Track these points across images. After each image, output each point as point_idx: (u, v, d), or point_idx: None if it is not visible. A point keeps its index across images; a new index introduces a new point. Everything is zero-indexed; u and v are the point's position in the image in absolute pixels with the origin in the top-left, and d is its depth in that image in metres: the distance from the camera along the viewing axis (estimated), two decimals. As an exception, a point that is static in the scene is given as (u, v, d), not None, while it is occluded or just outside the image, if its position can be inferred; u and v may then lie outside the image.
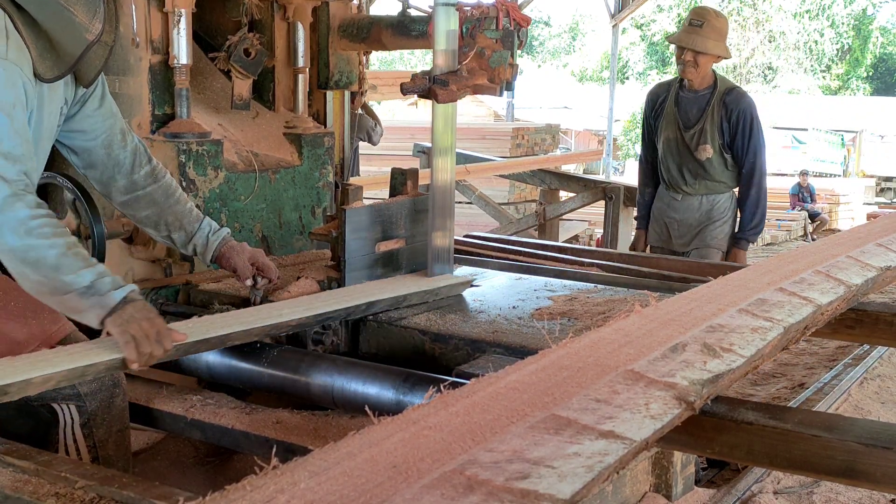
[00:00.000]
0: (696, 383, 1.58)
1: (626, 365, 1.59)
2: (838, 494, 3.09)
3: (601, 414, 1.38)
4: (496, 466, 1.17)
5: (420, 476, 1.13)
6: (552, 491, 1.13)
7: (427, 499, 1.08)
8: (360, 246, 2.73)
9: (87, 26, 2.07)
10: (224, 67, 3.33)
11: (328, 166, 3.63)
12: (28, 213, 1.95)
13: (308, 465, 1.17)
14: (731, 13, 27.98)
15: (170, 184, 2.50)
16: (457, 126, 2.83)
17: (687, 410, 1.50)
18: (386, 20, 3.61)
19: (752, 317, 1.98)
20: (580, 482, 1.17)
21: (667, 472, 2.81)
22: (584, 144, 20.04)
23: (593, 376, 1.53)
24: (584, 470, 1.21)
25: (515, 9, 2.73)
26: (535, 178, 7.59)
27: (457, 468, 1.16)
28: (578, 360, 1.62)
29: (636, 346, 1.70)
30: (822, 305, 2.17)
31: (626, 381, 1.53)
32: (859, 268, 2.56)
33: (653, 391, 1.51)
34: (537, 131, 11.61)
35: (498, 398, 1.42)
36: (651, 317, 1.92)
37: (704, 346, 1.75)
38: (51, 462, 1.85)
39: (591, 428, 1.33)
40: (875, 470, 1.56)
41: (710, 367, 1.66)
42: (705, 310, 1.98)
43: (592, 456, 1.25)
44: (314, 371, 2.27)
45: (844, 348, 5.07)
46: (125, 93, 3.12)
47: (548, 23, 34.11)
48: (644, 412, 1.43)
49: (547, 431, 1.30)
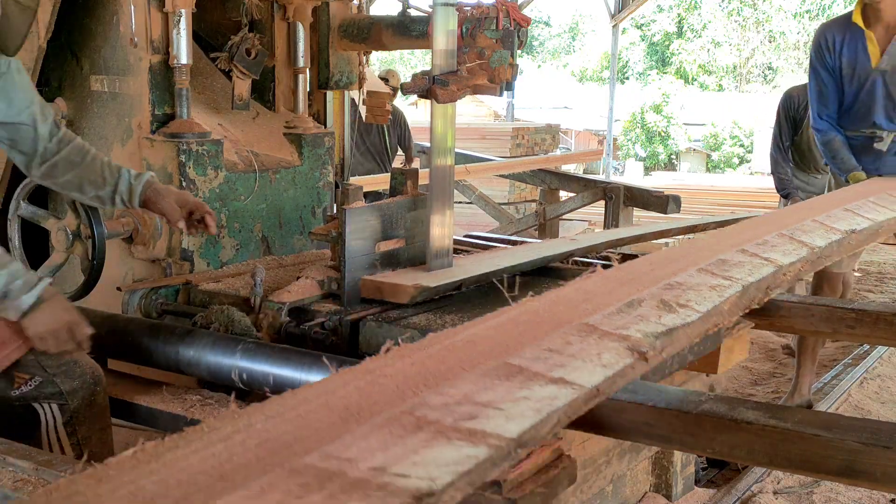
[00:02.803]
0: (650, 335, 1.61)
1: (581, 319, 1.62)
2: (838, 494, 3.09)
3: (553, 362, 1.42)
4: (446, 408, 1.21)
5: (371, 417, 1.17)
6: (500, 430, 1.17)
7: (375, 436, 1.11)
8: (360, 246, 2.73)
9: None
10: (225, 67, 3.33)
11: (328, 166, 3.63)
12: None
13: (265, 409, 1.20)
14: (731, 13, 28.00)
15: (81, 144, 2.46)
16: (457, 126, 2.83)
17: (639, 360, 1.53)
18: (386, 20, 3.61)
19: (711, 276, 2.01)
20: (528, 423, 1.21)
21: (667, 472, 2.81)
22: (584, 144, 20.04)
23: (548, 329, 1.56)
24: (533, 412, 1.25)
25: (515, 9, 2.73)
26: (535, 178, 7.58)
27: (407, 410, 1.19)
28: (536, 316, 1.65)
29: (594, 302, 1.73)
30: (784, 266, 2.21)
31: (580, 333, 1.56)
32: (824, 231, 2.59)
33: (606, 342, 1.54)
34: (537, 131, 11.61)
35: (454, 350, 1.46)
36: (612, 277, 1.96)
37: (661, 301, 1.78)
38: (51, 462, 1.85)
39: (541, 375, 1.37)
40: (875, 469, 1.57)
41: (665, 321, 1.69)
42: (666, 270, 2.01)
43: (542, 400, 1.29)
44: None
45: (844, 348, 5.08)
46: (125, 93, 3.12)
47: (548, 23, 34.09)
48: (596, 361, 1.46)
49: (498, 378, 1.34)
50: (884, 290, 6.68)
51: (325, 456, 1.05)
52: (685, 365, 2.37)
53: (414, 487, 0.99)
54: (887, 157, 3.72)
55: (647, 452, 2.68)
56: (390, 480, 1.00)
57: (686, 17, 28.76)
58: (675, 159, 22.99)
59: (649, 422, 1.78)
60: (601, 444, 2.31)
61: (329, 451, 1.06)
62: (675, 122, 22.65)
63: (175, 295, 2.95)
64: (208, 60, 3.45)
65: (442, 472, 1.04)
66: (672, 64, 28.70)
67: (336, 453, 1.06)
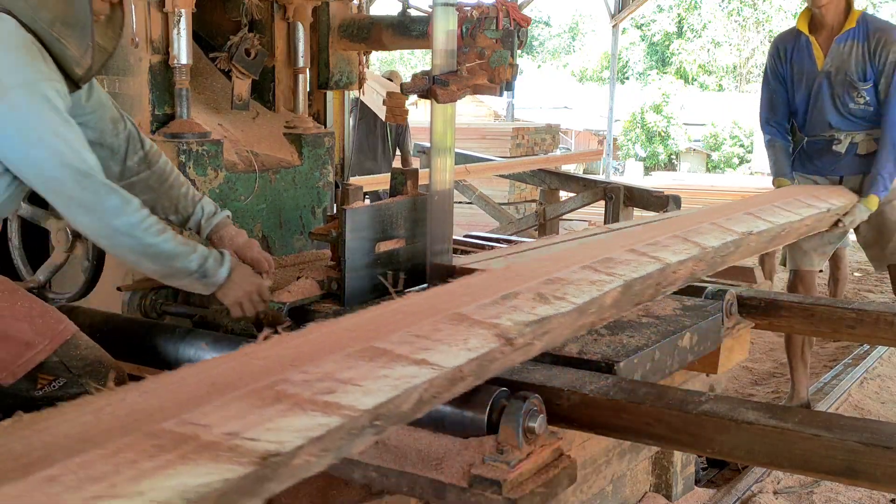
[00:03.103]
0: (520, 324, 1.70)
1: (455, 309, 1.69)
2: (838, 494, 3.09)
3: (418, 346, 1.51)
4: (306, 384, 1.30)
5: (234, 391, 1.25)
6: (355, 403, 1.27)
7: (234, 406, 1.20)
8: (360, 246, 2.73)
9: (78, 60, 2.17)
10: (224, 67, 3.33)
11: (328, 166, 3.63)
12: (140, 216, 2.18)
13: (140, 386, 1.28)
14: (731, 13, 27.99)
15: (164, 168, 2.51)
16: (457, 126, 2.83)
17: (506, 346, 1.63)
18: (386, 20, 3.61)
19: (593, 272, 2.09)
20: (384, 397, 1.31)
21: (667, 472, 2.81)
22: (584, 144, 20.03)
23: (421, 318, 1.64)
24: (390, 388, 1.34)
25: (515, 9, 2.73)
26: (535, 178, 7.58)
27: (268, 385, 1.28)
28: (414, 307, 1.73)
29: (473, 295, 1.81)
30: (672, 264, 2.30)
31: (451, 321, 1.64)
32: (720, 232, 2.66)
33: (475, 330, 1.63)
34: (537, 131, 11.60)
35: (329, 336, 1.54)
36: (498, 273, 2.05)
37: (538, 294, 1.85)
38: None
39: (405, 357, 1.45)
40: (875, 470, 1.57)
41: (539, 311, 1.77)
42: (551, 267, 2.08)
43: (401, 378, 1.38)
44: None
45: (844, 348, 5.07)
46: (125, 93, 3.12)
47: (548, 23, 34.08)
48: (461, 346, 1.55)
49: (362, 359, 1.42)
50: (884, 290, 6.67)
51: (183, 422, 1.14)
52: (685, 365, 2.37)
53: (262, 449, 1.10)
54: (846, 159, 3.80)
55: (647, 452, 2.68)
56: (241, 443, 1.10)
57: (686, 17, 28.76)
58: (675, 159, 22.98)
59: (649, 422, 1.78)
60: (601, 444, 2.31)
61: (187, 418, 1.15)
62: (675, 122, 22.64)
63: (175, 295, 2.95)
64: (208, 60, 3.45)
65: (292, 437, 1.15)
66: (672, 64, 28.69)
67: (194, 420, 1.15)
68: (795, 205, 3.12)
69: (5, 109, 2.03)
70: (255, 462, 1.08)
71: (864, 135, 3.74)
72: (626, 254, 2.26)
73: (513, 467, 1.65)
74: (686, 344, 2.31)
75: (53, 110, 2.07)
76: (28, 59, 2.07)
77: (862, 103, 3.69)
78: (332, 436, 1.20)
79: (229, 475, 1.04)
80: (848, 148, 3.78)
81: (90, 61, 2.19)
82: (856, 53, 3.62)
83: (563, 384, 1.90)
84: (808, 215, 3.07)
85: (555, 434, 1.80)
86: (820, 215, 3.17)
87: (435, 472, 1.70)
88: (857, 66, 3.63)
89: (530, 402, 1.72)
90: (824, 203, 3.25)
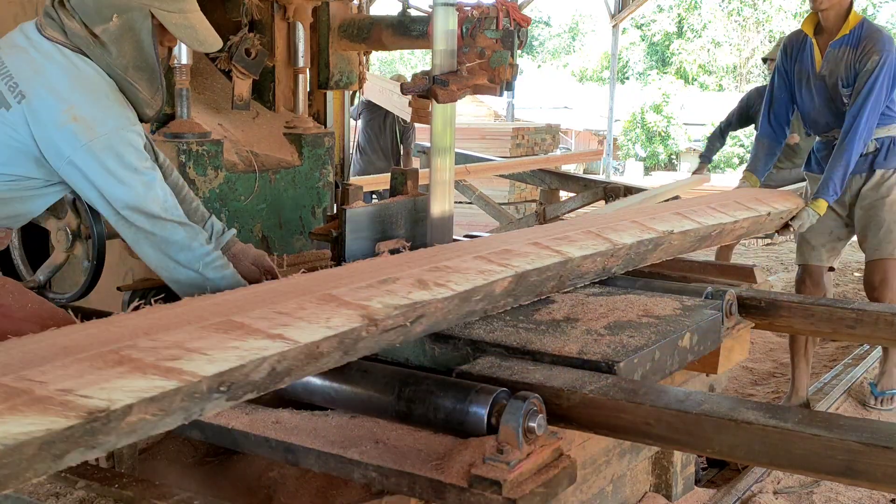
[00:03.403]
0: (390, 307, 1.74)
1: (327, 290, 1.73)
2: (838, 494, 3.09)
3: (277, 322, 1.55)
4: (152, 350, 1.36)
5: (80, 353, 1.31)
6: (196, 370, 1.34)
7: (75, 367, 1.27)
8: (360, 246, 2.73)
9: (149, 102, 2.31)
10: (225, 67, 3.33)
11: (328, 166, 3.63)
12: (205, 250, 2.27)
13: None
14: (731, 13, 27.98)
15: (176, 182, 2.54)
16: (457, 126, 2.83)
17: (370, 326, 1.68)
18: (386, 20, 3.61)
19: (487, 262, 2.11)
20: (227, 366, 1.38)
21: (667, 472, 2.81)
22: (584, 144, 20.03)
23: (291, 297, 1.68)
24: (237, 358, 1.40)
25: (515, 9, 2.73)
26: (535, 178, 7.58)
27: (114, 349, 1.34)
28: (293, 287, 1.77)
29: (352, 278, 1.84)
30: (574, 258, 2.34)
31: (319, 301, 1.68)
32: (638, 230, 2.66)
33: (342, 310, 1.67)
34: (537, 131, 11.60)
35: (195, 310, 1.58)
36: (391, 260, 2.09)
37: (418, 280, 1.88)
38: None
39: (261, 331, 1.50)
40: (875, 469, 1.57)
41: (414, 296, 1.81)
42: (445, 255, 2.10)
43: (251, 350, 1.44)
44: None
45: (845, 348, 5.07)
46: (125, 93, 3.12)
47: (548, 23, 34.07)
48: (322, 323, 1.60)
49: (216, 331, 1.47)
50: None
51: (20, 378, 1.21)
52: (685, 365, 2.36)
53: (93, 406, 1.19)
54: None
55: (647, 452, 2.67)
56: (73, 399, 1.19)
57: (686, 17, 28.75)
58: (675, 159, 22.98)
59: (649, 422, 1.78)
60: (601, 444, 2.31)
61: (25, 375, 1.22)
62: (675, 122, 22.63)
63: (175, 295, 2.94)
64: (208, 60, 3.45)
65: (123, 396, 1.23)
66: (672, 64, 28.67)
67: (31, 376, 1.22)
68: (732, 207, 3.11)
69: (93, 152, 2.14)
70: (82, 416, 1.17)
71: None
72: (528, 246, 2.29)
73: (513, 467, 1.65)
74: (686, 344, 2.31)
75: (138, 153, 2.20)
76: (117, 107, 2.21)
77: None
78: (169, 398, 1.29)
79: (53, 426, 1.14)
80: None
81: (160, 102, 2.34)
82: (846, 59, 3.68)
83: (563, 384, 1.90)
84: (742, 217, 3.06)
85: (555, 434, 1.80)
86: (758, 218, 3.16)
87: (435, 472, 1.70)
88: (847, 70, 3.68)
89: (530, 402, 1.72)
90: (765, 207, 3.24)
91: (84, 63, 2.21)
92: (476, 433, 1.77)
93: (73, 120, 2.13)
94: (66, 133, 2.14)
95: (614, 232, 2.56)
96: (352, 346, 1.67)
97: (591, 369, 2.01)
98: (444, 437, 1.83)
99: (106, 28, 2.20)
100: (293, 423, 2.24)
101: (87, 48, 2.21)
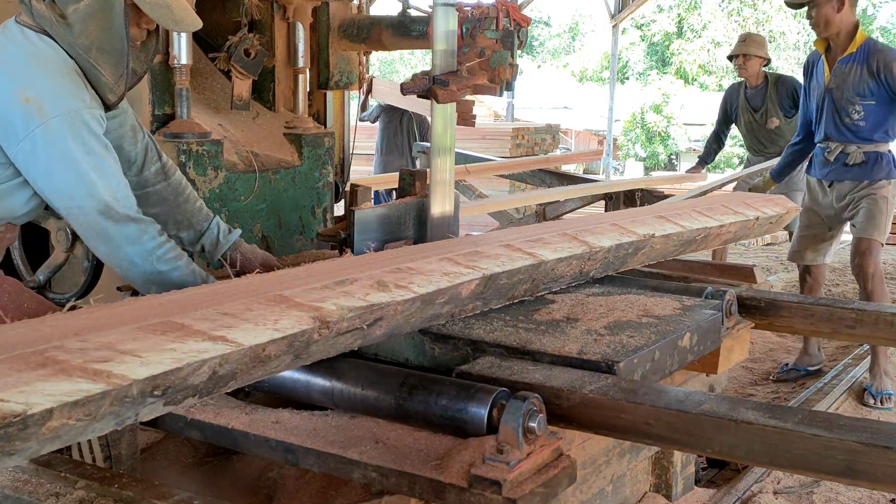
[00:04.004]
0: (345, 309, 1.67)
1: (278, 291, 1.66)
2: (838, 494, 3.09)
3: (221, 323, 1.48)
4: (81, 352, 1.29)
5: (4, 353, 1.26)
6: (127, 373, 1.27)
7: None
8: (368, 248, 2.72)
9: (111, 86, 2.21)
10: (224, 67, 3.33)
11: (328, 166, 3.63)
12: (155, 243, 2.19)
13: None
14: (731, 13, 27.97)
15: (179, 181, 2.53)
16: (457, 126, 2.83)
17: (322, 328, 1.61)
18: (386, 20, 3.61)
19: (453, 264, 2.04)
20: (162, 369, 1.32)
21: (667, 472, 2.81)
22: (584, 144, 20.02)
23: (239, 298, 1.61)
24: (172, 361, 1.34)
25: (515, 9, 2.73)
26: (535, 178, 7.59)
27: (39, 350, 1.28)
28: (246, 288, 1.71)
29: (307, 279, 1.77)
30: (547, 261, 2.27)
31: (268, 302, 1.61)
32: (618, 233, 2.61)
33: (292, 311, 1.60)
34: (537, 131, 11.59)
35: (135, 310, 1.53)
36: (355, 260, 2.03)
37: (378, 282, 1.81)
38: (50, 462, 1.85)
39: (202, 332, 1.43)
40: (875, 469, 1.56)
41: (371, 298, 1.74)
42: (410, 256, 2.04)
43: (189, 352, 1.37)
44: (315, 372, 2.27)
45: (845, 348, 5.07)
46: (125, 93, 3.12)
47: (548, 23, 34.06)
48: (270, 325, 1.53)
49: (153, 332, 1.40)
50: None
51: None
52: (685, 365, 2.36)
53: (8, 410, 1.15)
54: (834, 166, 4.32)
55: (647, 452, 2.67)
56: None
57: (686, 18, 28.74)
58: (675, 159, 22.98)
59: (649, 422, 1.78)
60: (601, 444, 2.31)
61: None
62: (675, 122, 22.63)
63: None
64: (208, 60, 3.45)
65: (43, 400, 1.18)
66: (672, 64, 28.66)
67: None
68: (718, 210, 3.09)
69: (43, 136, 2.07)
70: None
71: (854, 147, 4.21)
72: (499, 248, 2.23)
73: (513, 467, 1.65)
74: (686, 344, 2.31)
75: (93, 137, 2.12)
76: (72, 88, 2.12)
77: (856, 118, 4.18)
78: (96, 402, 1.23)
79: None
80: (837, 157, 4.28)
81: (124, 88, 2.24)
82: (854, 73, 4.16)
83: (563, 384, 1.90)
84: (729, 222, 3.04)
85: (555, 434, 1.80)
86: (746, 223, 3.15)
87: (435, 472, 1.70)
88: (858, 84, 4.15)
89: (530, 402, 1.72)
90: (754, 211, 3.24)
91: (44, 43, 2.15)
92: (476, 433, 1.77)
93: (24, 101, 2.07)
94: (18, 115, 2.07)
95: (592, 235, 2.52)
96: (303, 350, 1.61)
97: (591, 369, 2.01)
98: (444, 437, 1.83)
99: (77, 7, 2.13)
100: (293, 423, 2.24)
101: (51, 28, 2.14)
